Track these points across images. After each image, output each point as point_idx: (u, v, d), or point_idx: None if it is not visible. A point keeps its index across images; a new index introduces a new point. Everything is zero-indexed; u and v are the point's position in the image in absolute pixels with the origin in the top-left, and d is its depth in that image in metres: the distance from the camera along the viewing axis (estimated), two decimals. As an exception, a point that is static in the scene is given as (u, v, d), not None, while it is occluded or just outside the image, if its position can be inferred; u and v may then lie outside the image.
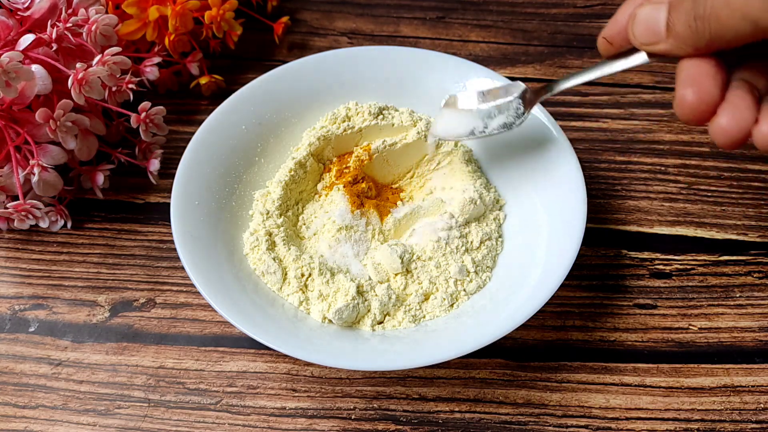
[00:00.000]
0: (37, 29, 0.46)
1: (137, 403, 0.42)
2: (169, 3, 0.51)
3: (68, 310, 0.46)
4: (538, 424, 0.41)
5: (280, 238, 0.44)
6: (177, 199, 0.43)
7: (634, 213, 0.50)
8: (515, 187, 0.47)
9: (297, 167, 0.47)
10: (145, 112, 0.48)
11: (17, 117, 0.45)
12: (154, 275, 0.47)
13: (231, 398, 0.42)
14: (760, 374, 0.43)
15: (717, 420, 0.41)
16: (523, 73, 0.59)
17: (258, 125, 0.48)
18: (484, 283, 0.44)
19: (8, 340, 0.44)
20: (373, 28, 0.62)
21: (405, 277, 0.43)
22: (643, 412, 0.41)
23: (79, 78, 0.43)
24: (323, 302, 0.42)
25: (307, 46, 0.61)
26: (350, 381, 0.43)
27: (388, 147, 0.48)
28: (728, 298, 0.46)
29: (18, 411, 0.42)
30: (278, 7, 0.63)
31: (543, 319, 0.45)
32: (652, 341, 0.44)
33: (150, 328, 0.45)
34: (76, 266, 0.48)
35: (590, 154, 0.53)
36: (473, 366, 0.43)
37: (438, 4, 0.64)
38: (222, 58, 0.59)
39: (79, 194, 0.51)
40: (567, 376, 0.43)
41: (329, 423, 0.41)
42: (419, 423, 0.41)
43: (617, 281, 0.47)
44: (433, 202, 0.46)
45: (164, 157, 0.51)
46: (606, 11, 0.63)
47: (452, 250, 0.44)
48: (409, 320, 0.42)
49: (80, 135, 0.46)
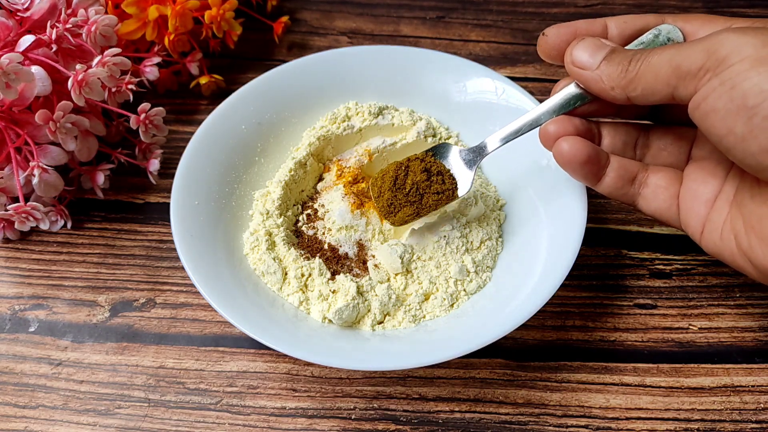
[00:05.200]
0: (36, 30, 0.46)
1: (137, 403, 0.42)
2: (169, 3, 0.51)
3: (68, 310, 0.46)
4: (538, 424, 0.41)
5: (280, 238, 0.44)
6: (177, 199, 0.43)
7: (634, 213, 0.50)
8: (515, 187, 0.47)
9: (297, 167, 0.47)
10: (145, 113, 0.48)
11: (17, 118, 0.45)
12: (154, 275, 0.47)
13: (231, 398, 0.42)
14: (760, 374, 0.43)
15: (717, 420, 0.41)
16: (524, 72, 0.59)
17: (258, 125, 0.48)
18: (484, 283, 0.44)
19: (8, 340, 0.44)
20: (373, 27, 0.62)
21: (405, 277, 0.43)
22: (643, 412, 0.41)
23: (79, 79, 0.43)
24: (323, 302, 0.42)
25: (307, 46, 0.61)
26: (350, 381, 0.43)
27: (388, 147, 0.48)
28: (728, 298, 0.46)
29: (18, 411, 0.42)
30: (278, 7, 0.63)
31: (543, 319, 0.45)
32: (652, 341, 0.44)
33: (150, 328, 0.45)
34: (76, 266, 0.48)
35: (590, 154, 0.53)
36: (473, 366, 0.43)
37: (438, 4, 0.64)
38: (222, 57, 0.59)
39: (79, 194, 0.51)
40: (567, 376, 0.43)
41: (329, 423, 0.41)
42: (419, 423, 0.41)
43: (617, 281, 0.47)
44: (433, 202, 0.46)
45: (164, 157, 0.51)
46: (606, 11, 0.63)
47: (452, 250, 0.44)
48: (409, 320, 0.42)
49: (80, 136, 0.46)
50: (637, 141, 0.40)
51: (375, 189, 0.42)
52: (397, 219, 0.42)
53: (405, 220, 0.42)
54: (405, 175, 0.41)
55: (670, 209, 0.38)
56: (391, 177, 0.41)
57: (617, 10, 0.63)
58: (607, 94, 0.35)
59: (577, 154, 0.37)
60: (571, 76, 0.37)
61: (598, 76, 0.35)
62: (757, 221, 0.32)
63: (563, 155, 0.37)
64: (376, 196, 0.42)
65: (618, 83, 0.34)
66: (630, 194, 0.38)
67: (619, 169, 0.38)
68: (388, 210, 0.42)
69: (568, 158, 0.37)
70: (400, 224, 0.42)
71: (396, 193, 0.41)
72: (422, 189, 0.41)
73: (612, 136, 0.39)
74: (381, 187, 0.42)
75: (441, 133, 0.50)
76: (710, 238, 0.36)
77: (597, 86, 0.36)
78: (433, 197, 0.41)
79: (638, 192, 0.38)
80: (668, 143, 0.39)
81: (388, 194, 0.41)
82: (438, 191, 0.41)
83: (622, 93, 0.35)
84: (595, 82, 0.35)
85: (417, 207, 0.41)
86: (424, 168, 0.41)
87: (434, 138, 0.49)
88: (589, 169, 0.37)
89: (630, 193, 0.38)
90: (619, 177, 0.38)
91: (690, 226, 0.37)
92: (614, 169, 0.38)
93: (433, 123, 0.49)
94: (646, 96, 0.34)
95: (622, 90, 0.34)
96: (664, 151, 0.39)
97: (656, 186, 0.38)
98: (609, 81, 0.35)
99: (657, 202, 0.38)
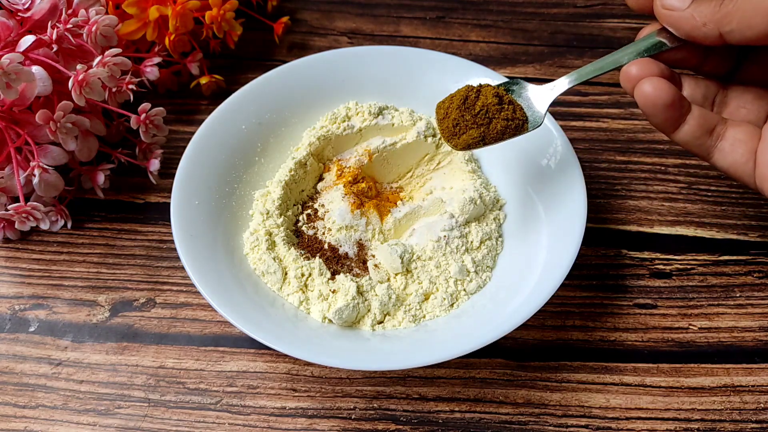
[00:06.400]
0: (37, 30, 0.46)
1: (137, 403, 0.42)
2: (169, 3, 0.51)
3: (68, 310, 0.46)
4: (538, 424, 0.41)
5: (280, 238, 0.44)
6: (177, 199, 0.43)
7: (634, 213, 0.50)
8: (515, 187, 0.47)
9: (297, 167, 0.47)
10: (145, 114, 0.48)
11: (18, 118, 0.45)
12: (154, 275, 0.47)
13: (231, 398, 0.42)
14: (760, 374, 0.43)
15: (717, 420, 0.41)
16: (524, 72, 0.59)
17: (258, 125, 0.49)
18: (484, 283, 0.44)
19: (8, 340, 0.44)
20: (373, 28, 0.62)
21: (405, 276, 0.43)
22: (643, 411, 0.41)
23: (80, 79, 0.43)
24: (323, 302, 0.42)
25: (307, 46, 0.61)
26: (350, 381, 0.43)
27: (388, 147, 0.48)
28: (728, 298, 0.46)
29: (18, 411, 0.42)
30: (278, 7, 0.63)
31: (543, 319, 0.45)
32: (652, 341, 0.44)
33: (150, 328, 0.45)
34: (76, 266, 0.48)
35: (590, 154, 0.53)
36: (473, 366, 0.43)
37: (438, 4, 0.64)
38: (222, 58, 0.59)
39: (79, 194, 0.51)
40: (567, 376, 0.43)
41: (329, 423, 0.41)
42: (419, 423, 0.41)
43: (617, 281, 0.47)
44: (433, 202, 0.46)
45: (164, 157, 0.51)
46: (606, 11, 0.63)
47: (452, 249, 0.44)
48: (409, 320, 0.42)
49: (80, 136, 0.46)
50: (716, 97, 0.39)
51: (441, 111, 0.40)
52: (460, 141, 0.39)
53: (469, 143, 0.39)
54: (476, 97, 0.39)
55: (747, 164, 0.37)
56: (461, 96, 0.39)
57: (617, 10, 0.63)
58: (699, 31, 0.34)
59: (662, 95, 0.35)
60: (660, 20, 0.36)
61: (689, 14, 0.34)
62: None
63: (647, 97, 0.36)
64: (441, 118, 0.40)
65: (711, 17, 0.33)
66: (706, 146, 0.37)
67: (699, 118, 0.37)
68: (452, 131, 0.39)
69: (653, 100, 0.36)
70: (462, 148, 0.40)
71: (464, 113, 0.39)
72: (492, 113, 0.39)
73: (692, 88, 0.39)
74: (449, 107, 0.39)
75: (441, 133, 0.50)
76: None
77: (688, 24, 0.35)
78: (501, 123, 0.39)
79: (715, 145, 0.37)
80: (748, 101, 0.38)
81: (455, 113, 0.39)
82: (507, 118, 0.39)
83: (715, 29, 0.34)
84: (686, 20, 0.35)
85: (484, 131, 0.39)
86: (496, 93, 0.39)
87: (434, 138, 0.49)
88: (671, 113, 0.36)
89: (707, 144, 0.37)
90: (699, 126, 0.37)
91: (765, 183, 0.36)
92: (695, 117, 0.37)
93: (433, 123, 0.49)
94: (742, 30, 0.33)
95: (715, 25, 0.33)
96: (743, 108, 0.38)
97: (735, 139, 0.37)
98: (701, 17, 0.34)
99: (734, 156, 0.37)
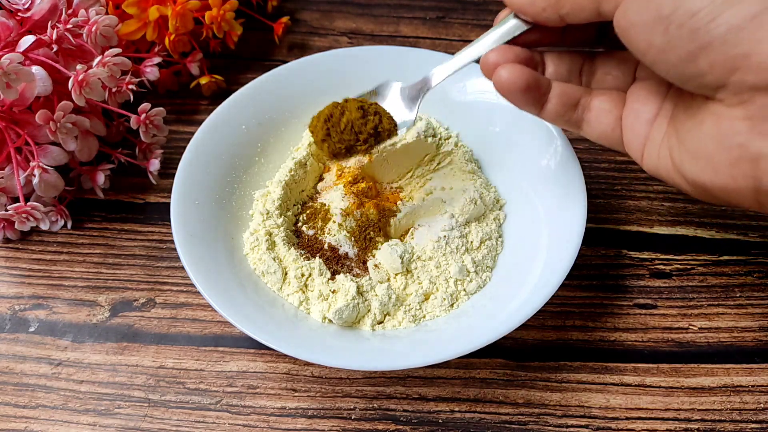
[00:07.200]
0: (37, 30, 0.46)
1: (137, 403, 0.42)
2: (169, 3, 0.51)
3: (68, 310, 0.46)
4: (538, 424, 0.41)
5: (280, 238, 0.44)
6: (177, 199, 0.43)
7: (634, 213, 0.50)
8: (515, 187, 0.47)
9: (297, 167, 0.47)
10: (145, 114, 0.48)
11: (18, 118, 0.45)
12: (154, 275, 0.47)
13: (231, 398, 0.42)
14: (760, 374, 0.43)
15: (717, 420, 0.41)
16: (523, 73, 0.59)
17: (258, 125, 0.49)
18: (484, 283, 0.44)
19: (8, 340, 0.44)
20: (373, 28, 0.62)
21: (405, 277, 0.43)
22: (643, 412, 0.41)
23: (80, 79, 0.43)
24: (323, 302, 0.42)
25: (307, 46, 0.61)
26: (350, 381, 0.43)
27: (388, 147, 0.48)
28: (728, 298, 0.46)
29: (18, 411, 0.42)
30: (278, 7, 0.63)
31: (543, 319, 0.45)
32: (652, 341, 0.44)
33: (150, 328, 0.45)
34: (76, 266, 0.48)
35: (590, 154, 0.53)
36: (473, 366, 0.43)
37: (438, 4, 0.64)
38: (222, 58, 0.59)
39: (79, 194, 0.51)
40: (567, 376, 0.43)
41: (329, 423, 0.41)
42: (419, 423, 0.41)
43: (617, 281, 0.47)
44: (433, 202, 0.46)
45: (164, 157, 0.51)
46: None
47: (452, 250, 0.44)
48: (409, 320, 0.42)
49: (80, 136, 0.46)
50: (582, 68, 0.39)
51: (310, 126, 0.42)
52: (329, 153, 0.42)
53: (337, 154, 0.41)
54: (341, 113, 0.41)
55: (614, 132, 0.37)
56: (326, 115, 0.41)
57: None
58: (541, 16, 0.35)
59: (517, 81, 0.36)
60: (508, 5, 0.37)
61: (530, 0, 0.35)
62: (687, 133, 0.32)
63: (502, 83, 0.36)
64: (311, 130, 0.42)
65: (548, 3, 0.34)
66: (574, 120, 0.38)
67: (561, 95, 0.37)
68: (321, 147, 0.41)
69: (507, 85, 0.36)
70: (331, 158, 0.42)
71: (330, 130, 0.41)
72: (358, 127, 0.41)
73: (556, 65, 0.39)
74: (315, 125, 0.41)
75: (441, 133, 0.50)
76: (649, 158, 0.35)
77: (532, 9, 0.35)
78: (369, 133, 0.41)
79: (582, 117, 0.38)
80: (612, 67, 0.38)
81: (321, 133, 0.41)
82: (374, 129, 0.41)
83: (554, 12, 0.34)
84: (529, 5, 0.35)
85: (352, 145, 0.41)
86: (360, 106, 0.41)
87: (434, 138, 0.49)
88: (530, 95, 0.36)
89: (574, 118, 0.38)
90: (562, 103, 0.37)
91: (632, 147, 0.36)
92: (556, 95, 0.37)
93: (433, 123, 0.49)
94: (576, 12, 0.33)
95: (552, 9, 0.34)
96: (609, 75, 0.38)
97: (599, 109, 0.37)
98: (540, 2, 0.34)
99: (601, 126, 0.37)
